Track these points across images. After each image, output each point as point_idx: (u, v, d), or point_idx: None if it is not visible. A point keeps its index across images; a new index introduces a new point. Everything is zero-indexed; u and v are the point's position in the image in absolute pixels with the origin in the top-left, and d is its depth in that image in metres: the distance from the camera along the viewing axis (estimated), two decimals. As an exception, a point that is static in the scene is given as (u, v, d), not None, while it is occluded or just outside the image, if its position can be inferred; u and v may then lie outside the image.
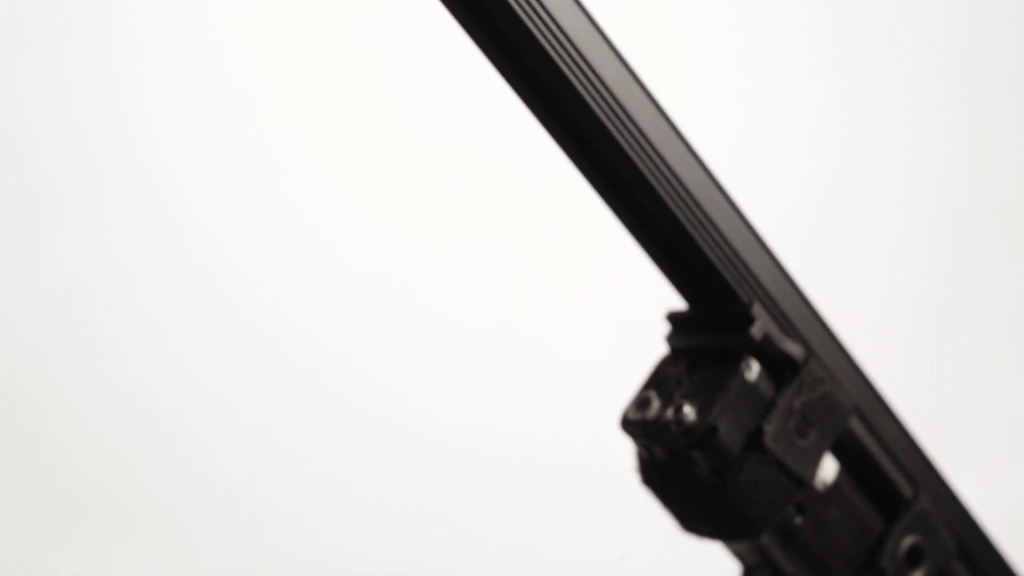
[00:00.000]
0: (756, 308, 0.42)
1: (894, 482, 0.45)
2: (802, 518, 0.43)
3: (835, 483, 0.44)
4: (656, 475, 0.43)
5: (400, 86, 1.15)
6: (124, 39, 1.13)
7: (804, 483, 0.42)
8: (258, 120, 1.15)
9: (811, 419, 0.42)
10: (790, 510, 0.43)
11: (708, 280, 0.42)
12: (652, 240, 0.42)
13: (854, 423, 0.44)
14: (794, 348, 0.43)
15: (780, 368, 0.42)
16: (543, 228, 1.18)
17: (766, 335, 0.42)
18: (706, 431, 0.41)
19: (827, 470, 0.44)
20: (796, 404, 0.42)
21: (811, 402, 0.42)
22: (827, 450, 0.43)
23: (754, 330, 0.42)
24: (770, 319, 0.43)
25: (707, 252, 0.42)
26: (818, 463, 0.42)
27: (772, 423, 0.41)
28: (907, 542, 0.45)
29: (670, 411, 0.42)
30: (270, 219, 1.16)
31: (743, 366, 0.42)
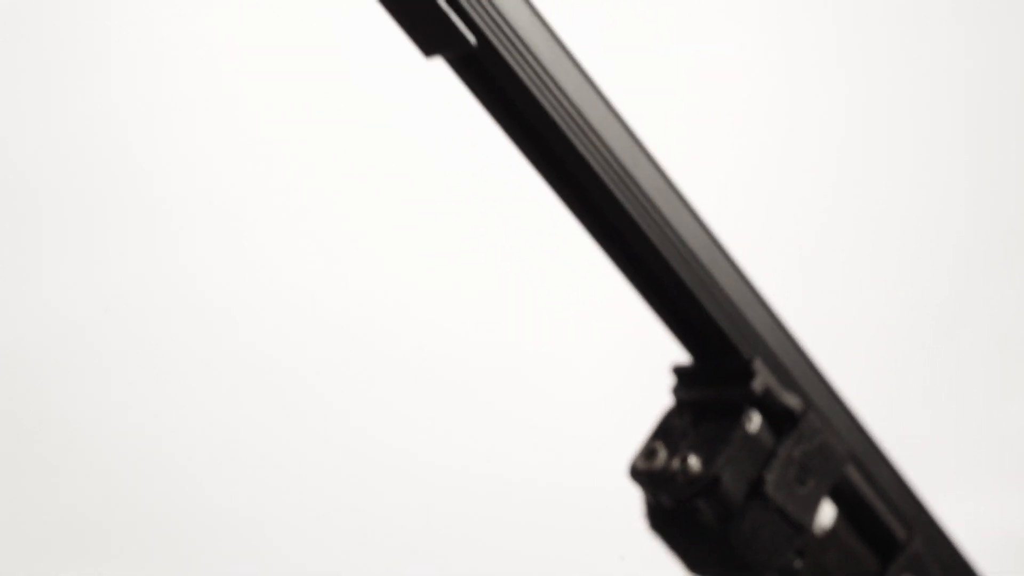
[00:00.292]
0: (757, 363, 0.44)
1: (889, 526, 0.48)
2: (802, 562, 0.46)
3: (833, 528, 0.47)
4: (663, 521, 0.45)
5: (404, 99, 1.17)
6: (125, 66, 1.14)
7: (804, 529, 0.44)
8: (257, 133, 1.16)
9: (810, 468, 0.45)
10: (791, 554, 0.45)
11: (711, 337, 0.45)
12: (658, 299, 0.44)
13: (850, 471, 0.46)
14: (793, 400, 0.45)
15: (780, 419, 0.45)
16: (543, 244, 1.19)
17: (767, 389, 0.44)
18: (710, 481, 0.43)
19: (825, 515, 0.47)
20: (796, 454, 0.44)
21: (810, 452, 0.45)
22: (825, 496, 0.45)
23: (755, 384, 0.44)
24: (770, 373, 0.45)
25: (710, 311, 0.44)
26: (816, 509, 0.45)
27: (773, 472, 0.44)
28: (902, 582, 0.48)
29: (676, 462, 0.44)
30: (270, 234, 1.17)
31: (745, 418, 0.44)
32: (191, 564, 1.14)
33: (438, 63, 0.42)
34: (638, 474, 0.45)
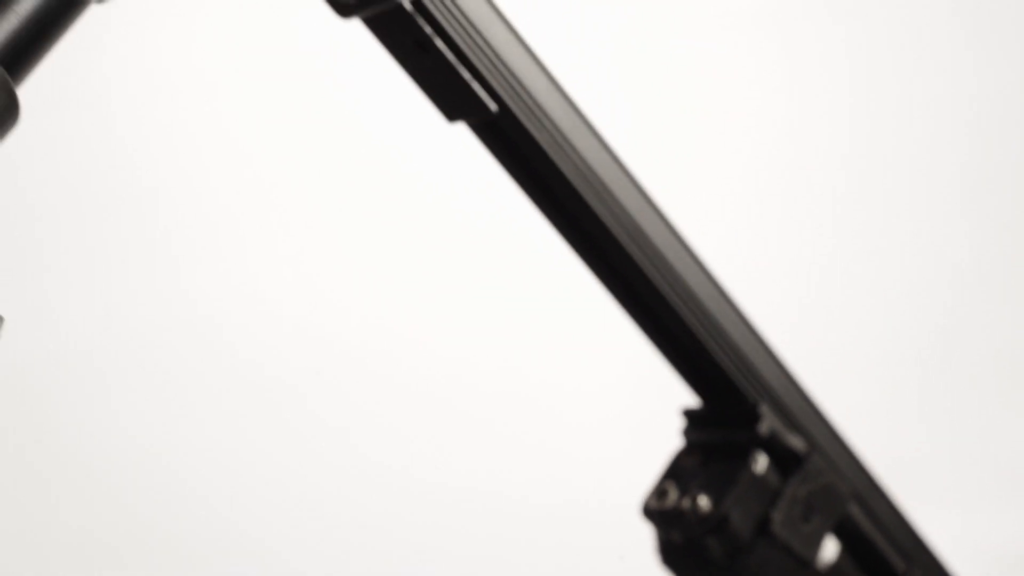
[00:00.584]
0: (763, 408, 0.47)
1: (889, 559, 0.50)
2: (807, 595, 0.48)
3: (836, 562, 0.49)
4: (675, 558, 0.48)
5: (409, 130, 1.18)
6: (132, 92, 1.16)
7: (808, 564, 0.47)
8: (259, 155, 1.18)
9: (814, 506, 0.47)
10: (796, 589, 0.47)
11: (720, 382, 0.47)
12: (670, 348, 0.47)
13: (852, 508, 0.49)
14: (798, 442, 0.47)
15: (786, 460, 0.47)
16: (550, 268, 1.20)
17: (772, 431, 0.47)
18: (719, 520, 0.45)
19: (829, 550, 0.49)
20: (800, 493, 0.47)
21: (814, 491, 0.47)
22: (828, 533, 0.48)
23: (762, 427, 0.47)
24: (776, 416, 0.47)
25: (718, 359, 0.46)
26: (820, 545, 0.47)
27: (779, 511, 0.46)
28: (902, 612, 0.50)
29: (687, 501, 0.46)
30: (278, 255, 1.19)
31: (752, 460, 0.46)
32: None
33: (460, 127, 0.44)
34: (650, 513, 0.47)
